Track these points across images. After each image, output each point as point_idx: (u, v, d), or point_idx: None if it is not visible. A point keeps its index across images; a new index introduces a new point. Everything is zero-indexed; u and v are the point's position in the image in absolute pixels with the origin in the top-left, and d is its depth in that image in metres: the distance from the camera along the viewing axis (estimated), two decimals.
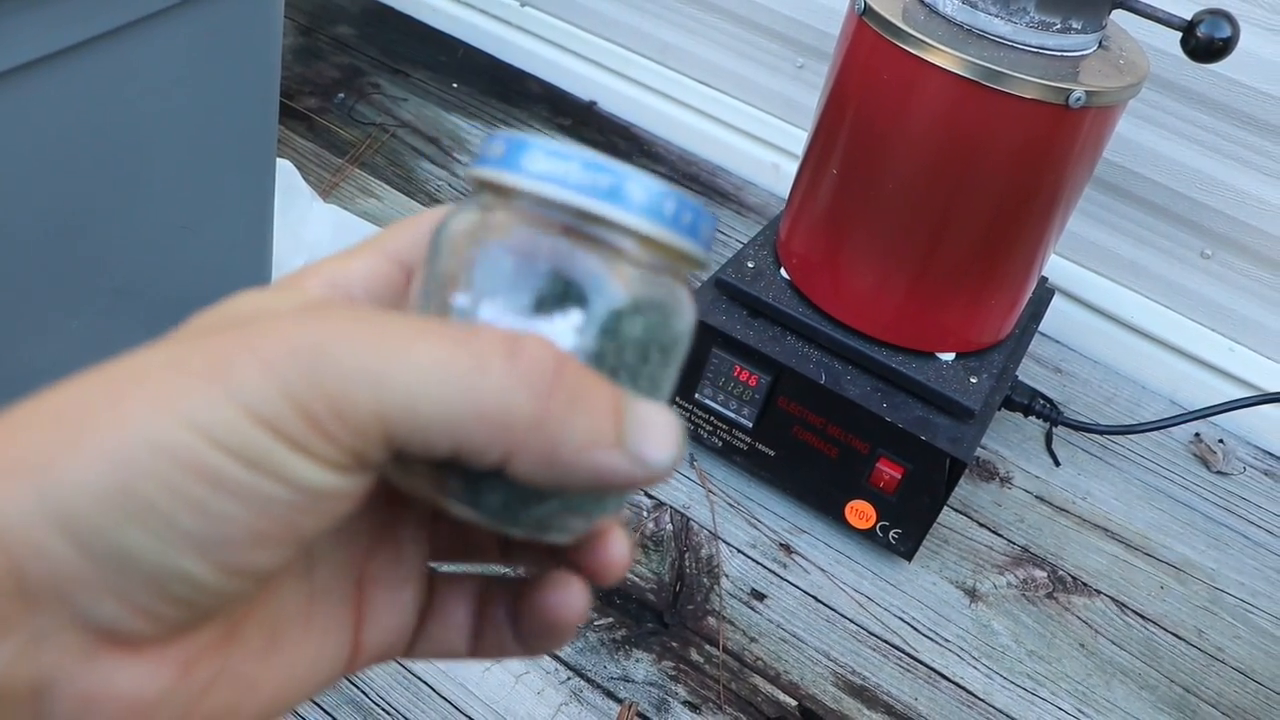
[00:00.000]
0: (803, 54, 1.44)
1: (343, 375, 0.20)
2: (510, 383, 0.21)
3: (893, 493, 0.95)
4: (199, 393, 0.20)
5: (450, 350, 0.21)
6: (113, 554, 0.20)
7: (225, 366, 0.21)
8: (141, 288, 0.84)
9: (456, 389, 0.21)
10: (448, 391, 0.21)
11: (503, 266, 0.24)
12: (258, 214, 0.96)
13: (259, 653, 0.24)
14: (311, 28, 1.71)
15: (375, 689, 0.84)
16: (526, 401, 0.21)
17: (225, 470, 0.20)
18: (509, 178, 0.24)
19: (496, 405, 0.21)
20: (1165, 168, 1.22)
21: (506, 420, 0.21)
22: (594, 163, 0.23)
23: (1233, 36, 0.79)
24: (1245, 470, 1.24)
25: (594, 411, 0.22)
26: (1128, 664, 0.99)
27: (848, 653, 0.95)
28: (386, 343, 0.21)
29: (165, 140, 0.86)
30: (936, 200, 0.88)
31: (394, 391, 0.20)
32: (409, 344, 0.21)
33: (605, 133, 1.59)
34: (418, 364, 0.21)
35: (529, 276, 0.23)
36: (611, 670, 0.89)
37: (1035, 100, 0.79)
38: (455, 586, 0.29)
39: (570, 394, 0.22)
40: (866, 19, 0.85)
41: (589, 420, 0.22)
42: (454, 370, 0.21)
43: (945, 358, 0.96)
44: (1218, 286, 1.25)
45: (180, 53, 0.84)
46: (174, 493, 0.20)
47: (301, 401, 0.20)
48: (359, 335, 0.21)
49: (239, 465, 0.20)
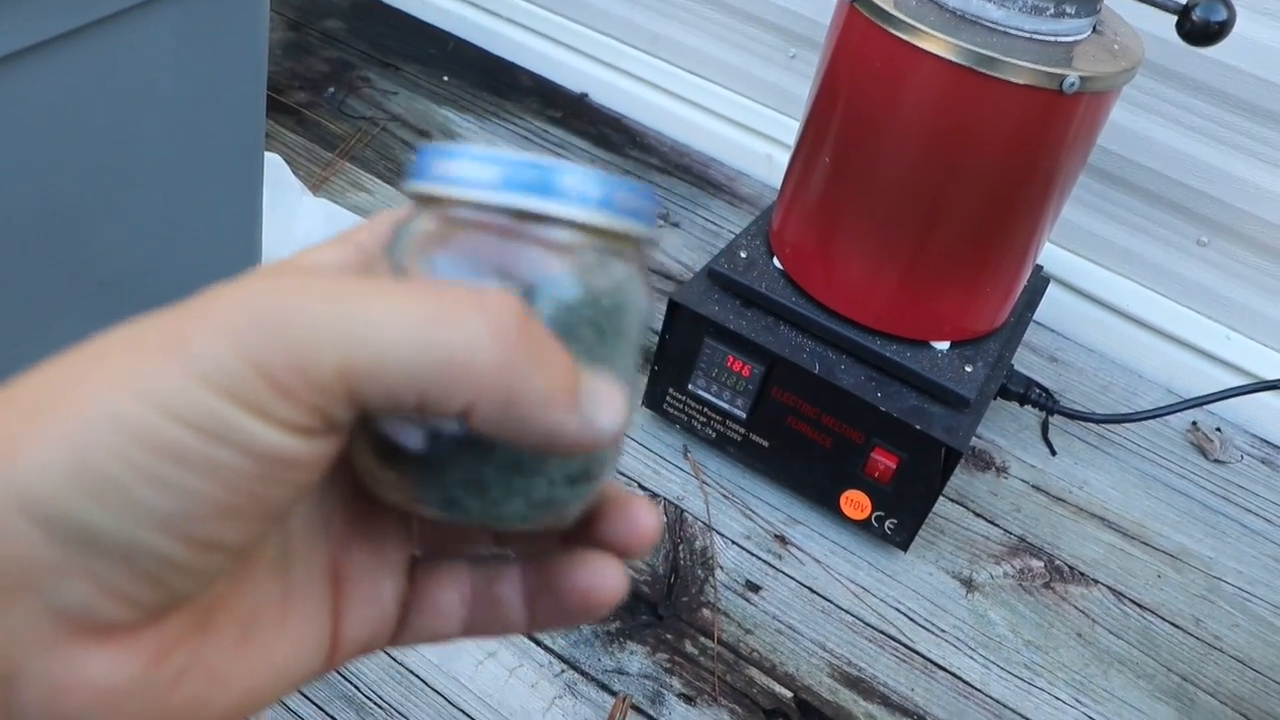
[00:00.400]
0: (795, 44, 1.43)
1: (305, 328, 0.20)
2: (478, 327, 0.21)
3: (888, 483, 0.94)
4: (155, 366, 0.20)
5: (417, 300, 0.21)
6: (78, 534, 0.19)
7: (180, 338, 0.20)
8: (129, 283, 0.84)
9: (423, 335, 0.21)
10: (415, 337, 0.21)
11: (450, 274, 0.24)
12: (247, 208, 0.95)
13: (233, 645, 0.24)
14: (301, 22, 1.70)
15: (367, 683, 0.84)
16: (491, 347, 0.21)
17: (185, 443, 0.20)
18: (440, 189, 0.24)
19: (464, 350, 0.21)
20: (1160, 154, 1.21)
21: (472, 366, 0.21)
22: (521, 161, 0.24)
23: (1229, 20, 0.78)
24: (1242, 458, 1.24)
25: (553, 369, 0.22)
26: (1125, 653, 0.98)
27: (844, 644, 0.94)
28: (349, 296, 0.21)
29: (152, 134, 0.85)
30: (930, 188, 0.87)
31: (359, 341, 0.20)
32: (372, 296, 0.21)
33: (597, 124, 1.59)
34: (383, 313, 0.21)
35: (476, 280, 0.24)
36: (606, 663, 0.88)
37: (1029, 86, 0.79)
38: (442, 573, 0.29)
39: (532, 348, 0.22)
40: (858, 5, 0.84)
41: (548, 377, 0.22)
42: (420, 316, 0.21)
43: (940, 346, 0.96)
44: (1214, 274, 1.25)
45: (166, 45, 0.83)
46: (136, 469, 0.19)
47: (260, 362, 0.20)
48: (320, 291, 0.21)
49: (199, 437, 0.20)
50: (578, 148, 1.53)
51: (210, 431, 0.20)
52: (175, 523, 0.20)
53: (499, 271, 0.24)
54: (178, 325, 0.21)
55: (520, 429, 0.22)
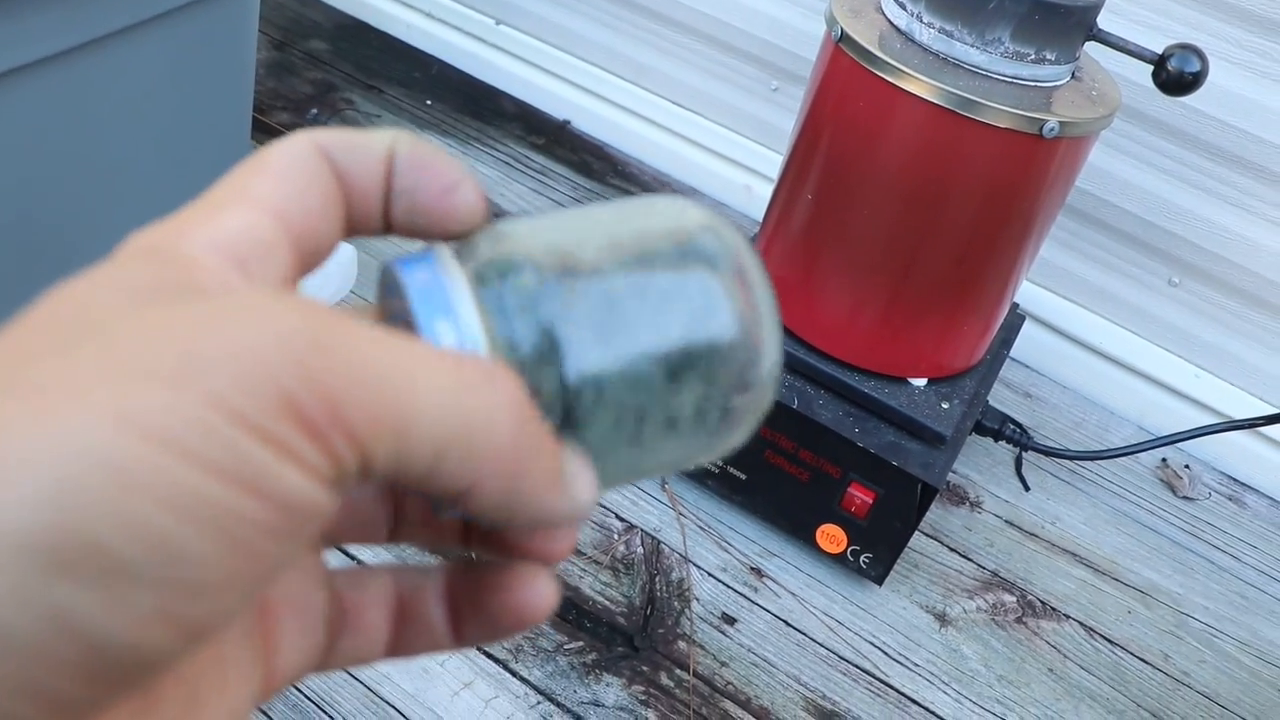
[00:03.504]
0: (777, 77, 1.45)
1: (346, 370, 0.18)
2: (497, 403, 0.20)
3: (864, 517, 0.95)
4: (154, 387, 0.16)
5: (444, 364, 0.19)
6: (33, 623, 0.15)
7: (184, 354, 0.17)
8: None
9: (452, 402, 0.19)
10: (445, 402, 0.19)
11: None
12: None
13: (179, 716, 0.20)
14: (285, 43, 1.70)
15: (341, 713, 0.83)
16: (506, 426, 0.20)
17: (192, 486, 0.16)
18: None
19: (485, 426, 0.19)
20: (1135, 197, 1.23)
21: (488, 443, 0.20)
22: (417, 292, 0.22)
23: (1202, 71, 0.80)
24: (1210, 496, 1.25)
25: (549, 453, 0.21)
26: (1096, 688, 0.99)
27: (818, 677, 0.94)
28: (386, 344, 0.19)
29: (137, 155, 0.85)
30: (910, 227, 0.88)
31: (398, 397, 0.18)
32: (407, 350, 0.19)
33: (579, 152, 1.60)
34: (420, 371, 0.19)
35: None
36: (581, 694, 0.88)
37: (1009, 129, 0.80)
38: (366, 591, 0.27)
39: (535, 430, 0.21)
40: (843, 46, 0.85)
41: (547, 461, 0.21)
42: (451, 382, 0.19)
43: (917, 383, 0.97)
44: (1185, 314, 1.27)
45: (152, 67, 0.83)
46: (123, 526, 0.15)
47: (293, 397, 0.17)
48: (355, 331, 0.18)
49: (212, 479, 0.16)
50: (559, 175, 1.53)
51: (226, 470, 0.16)
52: (163, 595, 0.16)
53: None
54: (174, 336, 0.17)
55: (516, 511, 0.21)
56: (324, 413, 0.17)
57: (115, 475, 0.15)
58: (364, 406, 0.18)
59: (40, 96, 0.74)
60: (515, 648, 0.91)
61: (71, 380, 0.16)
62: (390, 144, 0.24)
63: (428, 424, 0.19)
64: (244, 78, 0.95)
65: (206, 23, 0.86)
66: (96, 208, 0.82)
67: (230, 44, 0.91)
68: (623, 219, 0.25)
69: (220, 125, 0.93)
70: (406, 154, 0.24)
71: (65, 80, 0.75)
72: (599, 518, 1.03)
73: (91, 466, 0.15)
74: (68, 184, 0.79)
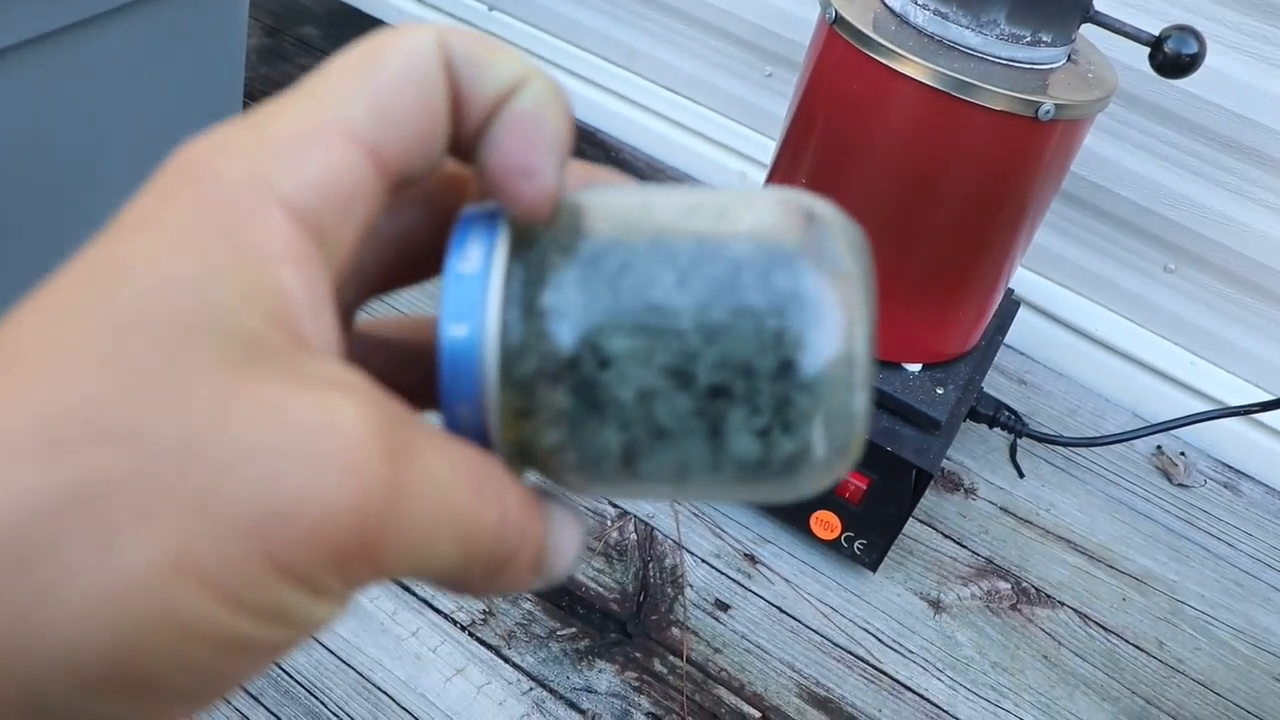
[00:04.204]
0: (771, 62, 1.44)
1: (397, 538, 0.18)
2: (496, 514, 0.20)
3: (858, 503, 0.95)
4: (221, 540, 0.16)
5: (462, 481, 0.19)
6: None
7: (259, 513, 0.16)
8: None
9: (464, 523, 0.19)
10: (456, 537, 0.19)
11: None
12: None
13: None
14: (277, 29, 1.69)
15: (334, 700, 0.83)
16: (496, 529, 0.20)
17: (243, 631, 0.16)
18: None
19: (479, 533, 0.20)
20: (1131, 182, 1.22)
21: (480, 542, 0.20)
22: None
23: (1199, 53, 0.80)
24: (1206, 483, 1.25)
25: (534, 540, 0.21)
26: (1090, 675, 0.99)
27: (812, 664, 0.94)
28: (435, 500, 0.19)
29: (124, 141, 0.84)
30: (904, 211, 0.87)
31: (432, 548, 0.19)
32: (448, 507, 0.19)
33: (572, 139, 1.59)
34: (448, 523, 0.19)
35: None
36: (574, 681, 0.88)
37: (1004, 112, 0.79)
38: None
39: (522, 530, 0.21)
40: (837, 28, 0.85)
41: (529, 553, 0.21)
42: (465, 502, 0.19)
43: (912, 369, 0.96)
44: (1181, 301, 1.26)
45: (140, 51, 0.82)
46: (176, 665, 0.16)
47: (347, 556, 0.17)
48: (419, 487, 0.18)
49: (260, 623, 0.17)
50: None
51: (274, 617, 0.17)
52: (191, 705, 0.17)
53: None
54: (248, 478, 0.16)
55: (493, 592, 0.21)
56: (368, 566, 0.17)
57: (175, 624, 0.16)
58: (403, 559, 0.18)
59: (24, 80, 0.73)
60: (508, 634, 0.90)
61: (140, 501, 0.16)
62: (517, 80, 0.21)
63: (442, 561, 0.19)
64: (234, 64, 0.94)
65: (195, 7, 0.86)
66: (82, 193, 0.81)
67: (219, 29, 0.90)
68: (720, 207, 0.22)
69: (209, 112, 0.92)
70: (518, 107, 0.21)
71: (50, 64, 0.74)
72: (592, 504, 1.03)
73: (153, 613, 0.16)
74: (53, 169, 0.78)
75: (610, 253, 0.21)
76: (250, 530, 0.16)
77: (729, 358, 0.20)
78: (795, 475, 0.21)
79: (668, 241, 0.21)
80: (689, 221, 0.21)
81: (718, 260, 0.20)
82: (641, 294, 0.20)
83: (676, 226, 0.21)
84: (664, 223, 0.21)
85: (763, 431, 0.20)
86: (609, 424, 0.20)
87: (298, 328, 0.18)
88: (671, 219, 0.21)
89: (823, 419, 0.21)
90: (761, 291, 0.20)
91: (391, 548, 0.18)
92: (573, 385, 0.20)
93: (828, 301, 0.20)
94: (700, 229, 0.21)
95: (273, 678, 0.84)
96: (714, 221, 0.21)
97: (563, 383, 0.20)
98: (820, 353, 0.20)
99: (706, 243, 0.21)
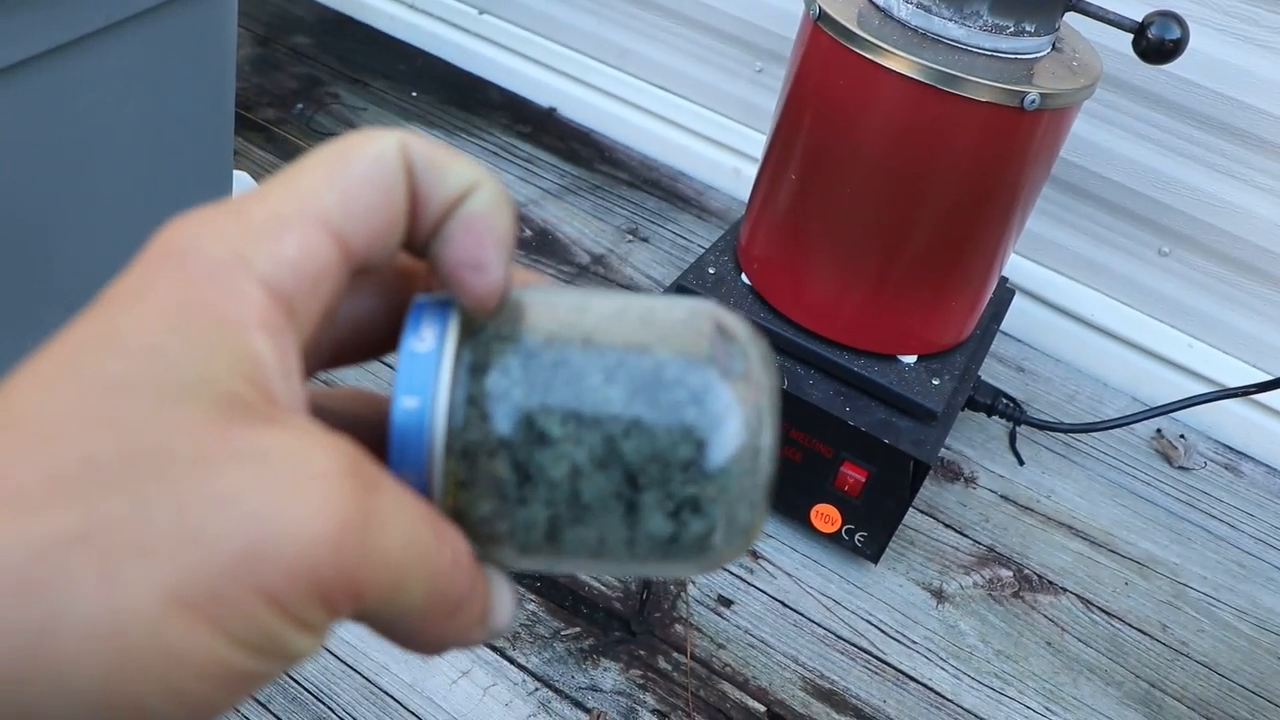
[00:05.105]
0: (761, 58, 1.44)
1: (373, 570, 0.19)
2: (450, 565, 0.22)
3: (857, 496, 0.95)
4: (213, 575, 0.17)
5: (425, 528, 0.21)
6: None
7: (246, 549, 0.18)
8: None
9: (427, 569, 0.21)
10: (424, 577, 0.21)
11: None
12: None
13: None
14: (268, 38, 1.70)
15: (341, 704, 0.83)
16: (453, 576, 0.22)
17: (230, 661, 0.18)
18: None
19: (437, 582, 0.21)
20: (1122, 167, 1.23)
21: (435, 592, 0.21)
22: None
23: (1183, 38, 0.80)
24: (1206, 465, 1.25)
25: (480, 598, 0.23)
26: (1094, 661, 0.99)
27: (816, 657, 0.95)
28: (408, 535, 0.20)
29: (119, 154, 0.84)
30: (895, 203, 0.88)
31: (406, 582, 0.20)
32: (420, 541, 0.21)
33: (566, 139, 1.59)
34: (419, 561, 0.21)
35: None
36: (579, 680, 0.89)
37: (990, 103, 0.80)
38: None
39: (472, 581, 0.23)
40: (821, 24, 0.85)
41: (477, 606, 0.23)
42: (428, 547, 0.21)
43: (907, 360, 0.97)
44: (1176, 283, 1.27)
45: (133, 65, 0.83)
46: (165, 693, 0.17)
47: (328, 588, 0.18)
48: (390, 520, 0.20)
49: (245, 654, 0.18)
50: (546, 162, 1.53)
51: (259, 649, 0.18)
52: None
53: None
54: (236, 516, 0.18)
55: (443, 644, 0.23)
56: (348, 597, 0.19)
57: (169, 654, 0.17)
58: (378, 590, 0.19)
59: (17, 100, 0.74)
60: (513, 636, 0.91)
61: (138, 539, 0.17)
62: (470, 184, 0.23)
63: (408, 597, 0.21)
64: (225, 75, 0.95)
65: (185, 21, 0.86)
66: (75, 208, 0.82)
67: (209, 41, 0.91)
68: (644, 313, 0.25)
69: (201, 123, 0.93)
70: (472, 208, 0.23)
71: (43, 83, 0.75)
72: None
73: (150, 644, 0.17)
74: (46, 185, 0.79)
75: (548, 346, 0.23)
76: (239, 563, 0.17)
77: (646, 447, 0.23)
78: (705, 553, 0.24)
79: (598, 341, 0.23)
80: (617, 325, 0.24)
81: (640, 362, 0.23)
82: (573, 386, 0.23)
83: (606, 328, 0.24)
84: (595, 324, 0.24)
85: (673, 513, 0.23)
86: (538, 497, 0.23)
87: (270, 389, 0.19)
88: (602, 321, 0.24)
89: (727, 503, 0.23)
90: (675, 392, 0.23)
91: (367, 577, 0.19)
92: (509, 460, 0.23)
93: (731, 402, 0.23)
94: (625, 333, 0.24)
95: (280, 685, 0.84)
96: (638, 327, 0.24)
97: (500, 457, 0.22)
98: (724, 446, 0.23)
99: (631, 346, 0.24)
